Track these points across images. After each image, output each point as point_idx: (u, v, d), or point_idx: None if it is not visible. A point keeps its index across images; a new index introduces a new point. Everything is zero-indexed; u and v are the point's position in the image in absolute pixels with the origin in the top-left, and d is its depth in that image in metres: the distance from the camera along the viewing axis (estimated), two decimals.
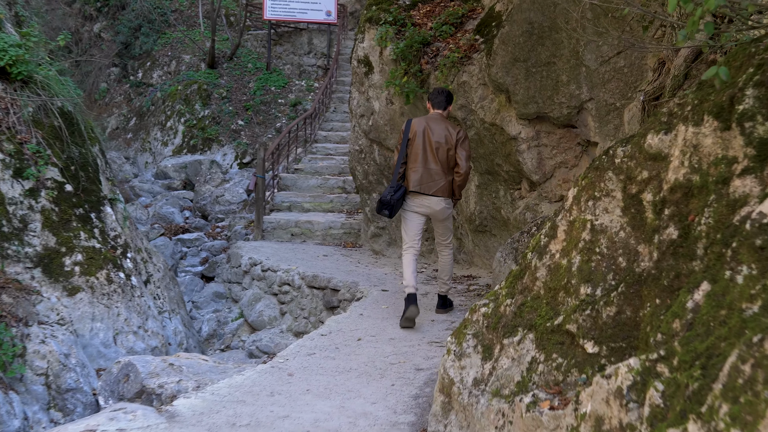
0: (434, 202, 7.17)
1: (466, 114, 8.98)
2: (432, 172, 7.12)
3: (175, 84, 25.23)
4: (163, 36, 27.79)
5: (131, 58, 27.75)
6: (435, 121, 7.25)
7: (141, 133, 25.46)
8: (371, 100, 10.69)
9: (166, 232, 16.20)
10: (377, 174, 11.09)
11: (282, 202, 13.94)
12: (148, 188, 21.55)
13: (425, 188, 7.11)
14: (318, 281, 9.11)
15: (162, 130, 24.68)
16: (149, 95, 26.06)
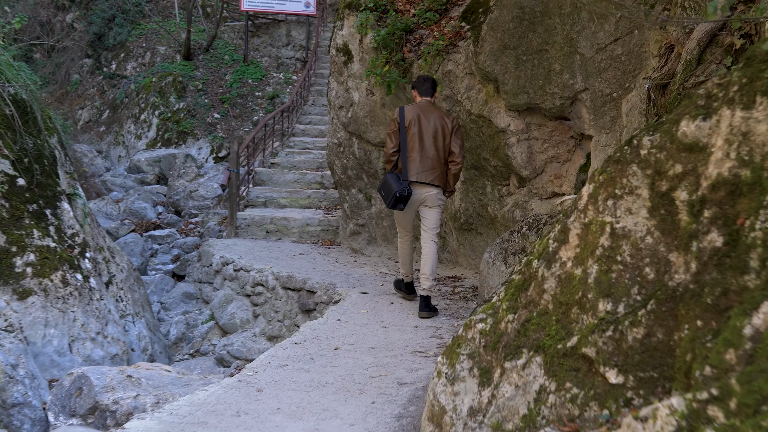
0: (428, 190, 7.02)
1: (451, 105, 8.46)
2: (429, 161, 6.97)
3: (150, 76, 24.54)
4: (138, 27, 27.06)
5: (105, 49, 27.01)
6: (427, 109, 7.07)
7: (114, 125, 24.76)
8: (350, 91, 10.14)
9: (136, 228, 15.57)
10: (356, 168, 10.55)
11: (257, 198, 13.37)
12: (120, 183, 20.90)
13: (423, 177, 6.96)
14: (293, 282, 8.55)
15: (136, 123, 23.99)
16: (123, 87, 25.35)
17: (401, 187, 6.89)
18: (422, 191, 7.02)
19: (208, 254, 10.53)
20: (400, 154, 7.04)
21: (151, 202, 18.46)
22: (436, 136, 6.98)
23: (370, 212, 10.52)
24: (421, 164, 6.96)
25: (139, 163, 21.95)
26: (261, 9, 24.73)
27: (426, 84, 7.20)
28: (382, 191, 7.11)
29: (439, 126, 6.99)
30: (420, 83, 7.23)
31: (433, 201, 7.09)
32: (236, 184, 11.92)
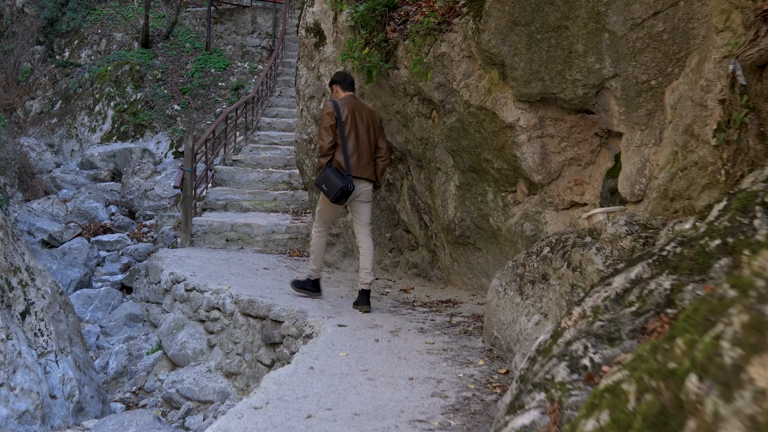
0: (364, 185, 7.13)
1: (444, 95, 7.04)
2: (365, 157, 7.09)
3: (105, 64, 22.87)
4: (93, 12, 25.35)
5: (57, 35, 25.26)
6: (357, 103, 7.20)
7: (67, 117, 23.08)
8: (323, 78, 8.67)
9: (83, 231, 14.00)
10: None
11: (216, 200, 11.86)
12: (71, 179, 19.26)
13: (360, 172, 7.06)
14: (255, 308, 7.08)
15: (90, 115, 22.34)
16: (76, 76, 23.65)
17: (346, 182, 6.94)
18: (360, 186, 7.10)
19: (156, 269, 9.01)
20: (337, 148, 7.04)
21: (103, 202, 16.89)
22: (369, 131, 7.10)
23: (346, 220, 9.08)
24: (359, 159, 7.04)
25: (92, 158, 20.33)
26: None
27: (348, 79, 7.27)
28: (324, 185, 7.05)
29: (370, 121, 7.13)
30: (341, 78, 7.29)
31: (368, 196, 7.20)
32: (191, 185, 10.41)
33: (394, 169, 8.28)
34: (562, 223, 6.33)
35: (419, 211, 8.12)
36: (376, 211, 8.66)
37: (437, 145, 7.44)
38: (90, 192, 17.40)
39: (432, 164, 7.58)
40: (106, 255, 12.74)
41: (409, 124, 7.69)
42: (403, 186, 8.27)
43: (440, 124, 7.31)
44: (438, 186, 7.58)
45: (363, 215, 7.26)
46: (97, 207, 16.20)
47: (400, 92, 7.61)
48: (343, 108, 7.04)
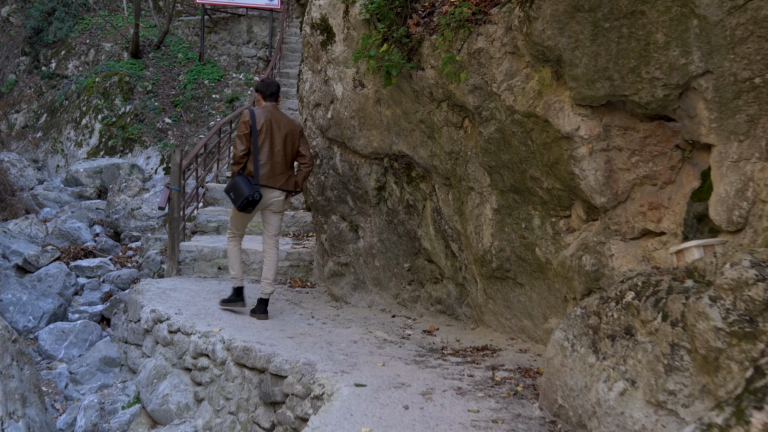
0: (277, 195, 7.22)
1: (480, 100, 5.82)
2: (278, 166, 7.15)
3: (93, 75, 21.67)
4: (81, 22, 24.19)
5: (44, 45, 24.09)
6: (275, 113, 7.25)
7: (52, 131, 21.89)
8: (331, 83, 7.45)
9: (62, 255, 12.71)
10: (339, 188, 7.85)
11: (208, 222, 10.60)
12: (54, 197, 18.02)
13: (272, 182, 7.13)
14: (252, 358, 5.82)
15: (76, 129, 21.14)
16: (63, 88, 22.46)
17: (253, 191, 7.00)
18: (270, 195, 7.18)
19: (135, 305, 7.73)
20: (250, 157, 7.11)
21: (86, 221, 15.63)
22: (286, 140, 7.15)
23: (357, 247, 7.84)
24: (271, 169, 7.10)
25: (77, 174, 19.06)
26: (218, 2, 22.02)
27: (271, 88, 7.35)
28: (231, 193, 7.13)
29: (289, 131, 7.18)
30: (264, 87, 7.37)
31: (279, 206, 7.31)
32: (179, 205, 9.15)
33: (414, 189, 7.04)
34: (632, 256, 5.09)
35: (445, 239, 6.88)
36: (393, 237, 7.42)
37: (470, 160, 6.21)
38: (73, 211, 16.16)
39: (463, 183, 6.35)
40: (85, 282, 11.46)
41: (436, 136, 6.47)
42: (426, 208, 7.03)
43: (474, 135, 6.09)
44: (470, 209, 6.34)
45: (271, 226, 7.39)
46: (80, 227, 14.93)
47: (425, 97, 6.39)
48: (260, 117, 7.10)
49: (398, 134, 6.87)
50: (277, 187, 7.12)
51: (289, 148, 7.15)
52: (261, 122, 7.05)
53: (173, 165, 9.03)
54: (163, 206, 9.00)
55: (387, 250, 7.51)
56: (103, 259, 12.32)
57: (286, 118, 7.27)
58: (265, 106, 7.25)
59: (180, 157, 9.02)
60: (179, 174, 9.05)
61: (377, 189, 7.41)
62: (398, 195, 7.25)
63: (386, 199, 7.39)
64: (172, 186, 9.02)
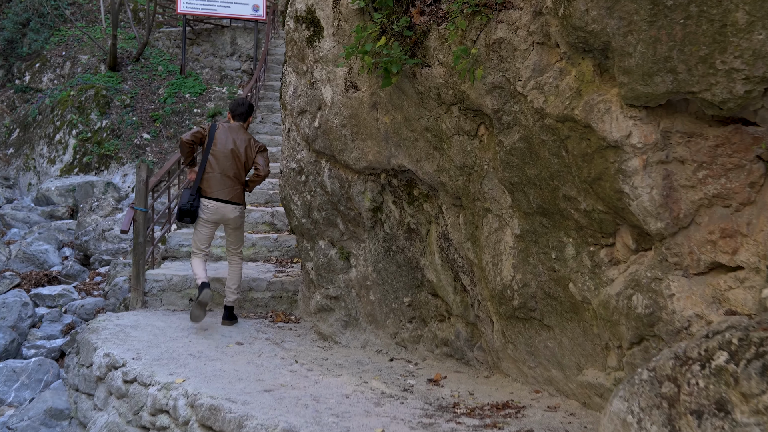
0: (230, 210, 7.33)
1: (501, 102, 4.76)
2: (226, 179, 7.26)
3: (68, 89, 20.54)
4: (57, 33, 23.08)
5: (18, 58, 22.96)
6: (237, 131, 7.40)
7: (24, 147, 20.74)
8: (319, 85, 6.37)
9: (23, 282, 11.58)
10: (327, 209, 6.75)
11: (180, 246, 9.47)
12: (23, 217, 16.89)
13: (219, 194, 7.25)
14: (220, 420, 4.69)
15: (49, 145, 20.01)
16: (36, 102, 21.33)
17: (187, 202, 7.19)
18: (223, 210, 7.30)
19: (88, 346, 6.56)
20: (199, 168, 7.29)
21: (55, 243, 14.50)
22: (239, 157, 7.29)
23: (348, 278, 6.74)
24: (217, 182, 7.23)
25: (48, 192, 17.94)
26: (201, 12, 20.93)
27: (240, 108, 7.53)
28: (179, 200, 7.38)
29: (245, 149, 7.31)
30: (235, 106, 7.58)
31: (235, 222, 7.46)
32: (145, 228, 8.03)
33: (417, 210, 5.95)
34: (699, 297, 4.01)
35: (454, 269, 5.78)
36: (391, 266, 6.32)
37: (487, 175, 5.13)
38: (40, 232, 15.02)
39: (478, 204, 5.27)
40: (45, 313, 10.31)
41: (445, 146, 5.38)
42: (431, 233, 5.93)
43: (493, 145, 5.02)
44: (487, 235, 5.24)
45: (231, 243, 7.64)
46: (47, 250, 13.82)
47: (432, 100, 5.32)
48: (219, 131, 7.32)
49: (398, 145, 5.78)
50: (227, 200, 7.26)
51: (242, 164, 7.32)
52: (218, 136, 7.28)
53: (138, 182, 7.91)
54: (126, 229, 7.88)
55: (384, 281, 6.41)
56: (66, 286, 11.18)
57: (248, 137, 7.41)
58: (231, 124, 7.47)
59: (146, 173, 7.91)
60: (145, 192, 7.94)
61: (373, 210, 6.31)
62: (397, 217, 6.16)
63: (383, 222, 6.30)
64: (137, 206, 7.90)
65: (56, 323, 10.04)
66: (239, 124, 7.45)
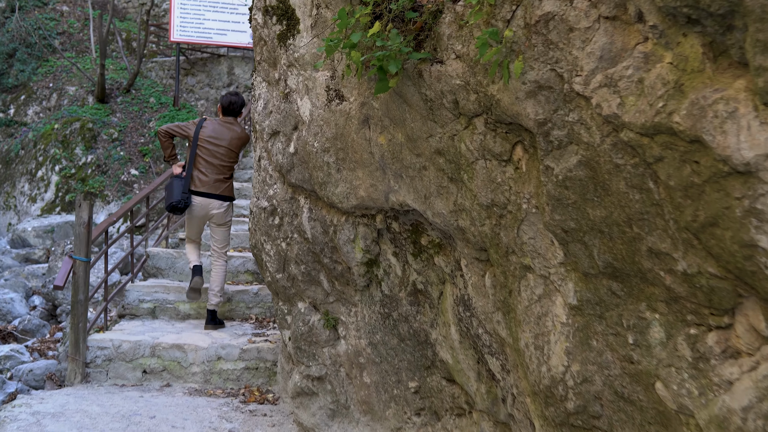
0: (216, 206, 7.52)
1: (550, 109, 3.19)
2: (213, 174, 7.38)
3: (52, 122, 19.14)
4: (45, 64, 21.73)
5: (3, 90, 21.61)
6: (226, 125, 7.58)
7: (5, 185, 19.32)
8: (294, 97, 4.79)
9: None
10: (308, 262, 5.12)
11: (141, 301, 7.88)
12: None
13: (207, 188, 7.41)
14: None
15: (31, 182, 18.57)
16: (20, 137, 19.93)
17: (180, 198, 7.33)
18: (209, 206, 7.52)
19: None
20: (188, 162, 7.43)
21: (22, 291, 12.92)
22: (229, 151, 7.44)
23: (336, 352, 5.10)
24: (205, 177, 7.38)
25: (24, 233, 16.43)
26: (196, 41, 19.50)
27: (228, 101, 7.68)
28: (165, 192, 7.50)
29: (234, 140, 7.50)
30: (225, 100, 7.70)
31: (221, 218, 7.59)
32: (85, 283, 6.43)
33: (426, 265, 4.33)
34: None
35: (478, 348, 4.15)
36: (392, 339, 4.68)
37: (526, 218, 3.51)
38: (7, 279, 13.45)
39: (513, 258, 3.64)
40: None
41: (464, 176, 3.77)
42: (445, 297, 4.31)
43: (535, 174, 3.43)
44: (527, 304, 3.61)
45: (216, 241, 7.69)
46: (12, 299, 12.25)
47: (446, 110, 3.73)
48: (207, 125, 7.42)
49: (399, 175, 4.19)
50: (214, 194, 7.41)
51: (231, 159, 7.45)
52: (205, 131, 7.36)
53: (77, 225, 6.34)
54: (60, 284, 6.29)
55: (382, 359, 4.77)
56: (17, 346, 9.54)
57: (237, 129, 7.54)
58: (221, 118, 7.64)
59: (87, 213, 6.34)
60: (86, 237, 6.37)
61: (366, 264, 4.70)
62: (399, 274, 4.54)
63: (380, 280, 4.68)
64: (76, 255, 6.32)
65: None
66: (231, 118, 7.61)
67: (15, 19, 22.20)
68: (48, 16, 22.89)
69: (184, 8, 19.06)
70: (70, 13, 23.45)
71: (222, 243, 7.67)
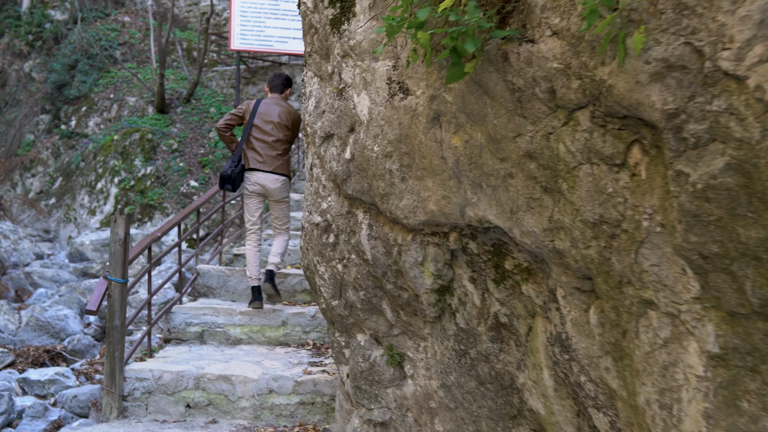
0: (271, 181, 7.42)
1: (684, 96, 2.36)
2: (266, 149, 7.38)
3: (111, 133, 18.84)
4: (106, 75, 21.49)
5: (65, 102, 21.46)
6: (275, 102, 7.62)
7: (66, 197, 19.10)
8: (350, 93, 4.04)
9: (18, 360, 9.50)
10: (368, 287, 4.36)
11: (188, 324, 7.22)
12: (51, 275, 14.99)
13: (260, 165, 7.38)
14: None
15: (90, 194, 18.28)
16: (80, 148, 19.70)
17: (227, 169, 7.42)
18: (265, 181, 7.43)
19: None
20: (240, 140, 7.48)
21: (77, 308, 12.44)
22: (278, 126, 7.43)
23: (402, 394, 4.33)
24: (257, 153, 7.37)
25: (82, 247, 16.05)
26: (256, 49, 18.95)
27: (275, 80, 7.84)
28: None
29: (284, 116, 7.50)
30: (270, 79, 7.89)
31: (278, 194, 7.56)
32: (122, 307, 5.78)
33: (510, 294, 3.54)
34: None
35: (577, 397, 3.34)
36: (469, 381, 3.88)
37: (648, 239, 2.69)
38: (61, 294, 13.01)
39: (627, 290, 2.83)
40: (29, 405, 8.12)
41: (563, 186, 2.97)
42: (536, 334, 3.51)
43: (660, 182, 2.62)
44: (648, 349, 2.79)
45: (276, 219, 7.80)
46: (67, 316, 11.78)
47: (539, 101, 2.94)
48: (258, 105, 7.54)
49: (478, 185, 3.41)
50: (268, 170, 7.36)
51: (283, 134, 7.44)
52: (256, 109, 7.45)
53: (113, 241, 5.70)
54: (93, 309, 5.64)
55: (458, 404, 3.99)
56: (61, 369, 8.97)
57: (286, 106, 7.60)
58: (270, 97, 7.73)
59: (124, 227, 5.69)
60: (122, 256, 5.71)
61: (437, 291, 3.92)
62: (477, 304, 3.76)
63: (454, 310, 3.90)
64: (112, 275, 5.68)
65: (39, 420, 7.83)
66: (278, 95, 7.69)
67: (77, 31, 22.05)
68: (110, 27, 22.70)
69: (244, 16, 18.56)
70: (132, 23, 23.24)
71: (282, 220, 7.72)
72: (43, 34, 23.21)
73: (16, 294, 14.23)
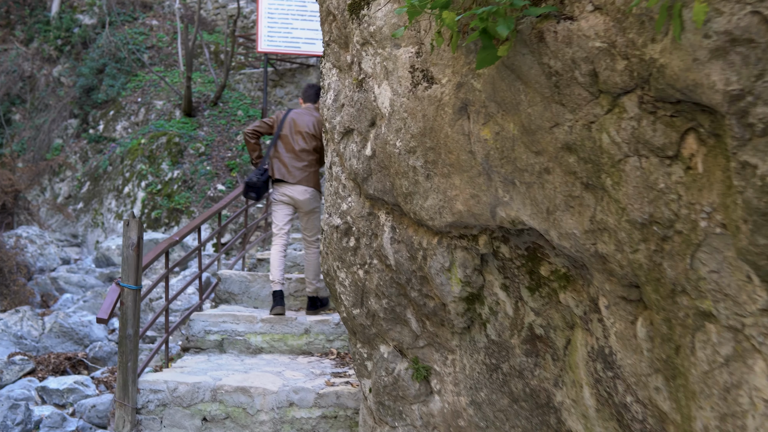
0: (299, 192, 7.33)
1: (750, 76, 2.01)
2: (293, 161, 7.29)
3: (139, 137, 18.72)
4: (134, 79, 21.38)
5: (93, 106, 21.38)
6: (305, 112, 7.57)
7: (93, 202, 18.98)
8: (370, 84, 3.73)
9: (38, 368, 9.29)
10: (391, 295, 4.04)
11: (207, 333, 6.93)
12: (77, 280, 14.84)
13: (288, 177, 7.27)
14: None
15: (117, 198, 18.14)
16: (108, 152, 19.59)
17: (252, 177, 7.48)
18: (293, 193, 7.33)
19: None
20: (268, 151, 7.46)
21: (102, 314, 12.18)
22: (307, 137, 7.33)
23: (429, 411, 4.00)
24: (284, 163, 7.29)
25: (108, 252, 15.91)
26: (284, 51, 18.65)
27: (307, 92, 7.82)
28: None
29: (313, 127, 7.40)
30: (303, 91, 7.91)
31: (307, 205, 7.43)
32: (135, 316, 5.51)
33: (547, 303, 3.20)
34: None
35: (623, 419, 2.99)
36: (501, 398, 3.55)
37: (706, 242, 2.35)
38: (86, 300, 12.85)
39: (681, 300, 2.49)
40: (46, 415, 7.89)
41: (607, 181, 2.63)
42: (575, 347, 3.17)
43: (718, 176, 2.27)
44: (706, 368, 2.45)
45: (306, 230, 7.63)
46: (91, 322, 11.61)
47: (579, 85, 2.61)
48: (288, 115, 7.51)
49: (510, 182, 3.08)
50: (295, 182, 7.26)
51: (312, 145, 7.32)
52: (285, 120, 7.39)
53: (126, 246, 5.44)
54: (104, 317, 5.38)
55: (489, 423, 3.65)
56: (80, 378, 8.73)
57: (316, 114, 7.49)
58: (303, 106, 7.69)
59: (137, 231, 5.42)
60: (136, 261, 5.45)
61: (466, 300, 3.59)
62: (510, 314, 3.42)
63: (485, 320, 3.57)
64: (124, 282, 5.42)
65: (57, 430, 7.60)
66: (310, 105, 7.61)
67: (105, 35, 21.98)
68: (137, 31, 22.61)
69: (271, 17, 18.33)
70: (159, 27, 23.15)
71: (311, 231, 7.58)
72: (71, 38, 23.19)
73: (42, 299, 14.09)
